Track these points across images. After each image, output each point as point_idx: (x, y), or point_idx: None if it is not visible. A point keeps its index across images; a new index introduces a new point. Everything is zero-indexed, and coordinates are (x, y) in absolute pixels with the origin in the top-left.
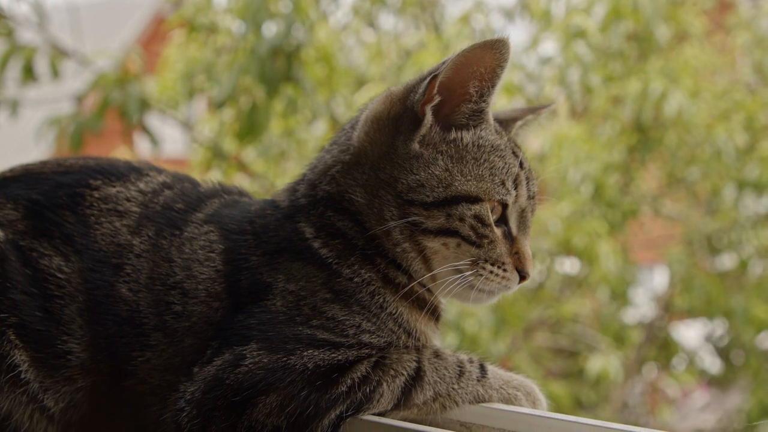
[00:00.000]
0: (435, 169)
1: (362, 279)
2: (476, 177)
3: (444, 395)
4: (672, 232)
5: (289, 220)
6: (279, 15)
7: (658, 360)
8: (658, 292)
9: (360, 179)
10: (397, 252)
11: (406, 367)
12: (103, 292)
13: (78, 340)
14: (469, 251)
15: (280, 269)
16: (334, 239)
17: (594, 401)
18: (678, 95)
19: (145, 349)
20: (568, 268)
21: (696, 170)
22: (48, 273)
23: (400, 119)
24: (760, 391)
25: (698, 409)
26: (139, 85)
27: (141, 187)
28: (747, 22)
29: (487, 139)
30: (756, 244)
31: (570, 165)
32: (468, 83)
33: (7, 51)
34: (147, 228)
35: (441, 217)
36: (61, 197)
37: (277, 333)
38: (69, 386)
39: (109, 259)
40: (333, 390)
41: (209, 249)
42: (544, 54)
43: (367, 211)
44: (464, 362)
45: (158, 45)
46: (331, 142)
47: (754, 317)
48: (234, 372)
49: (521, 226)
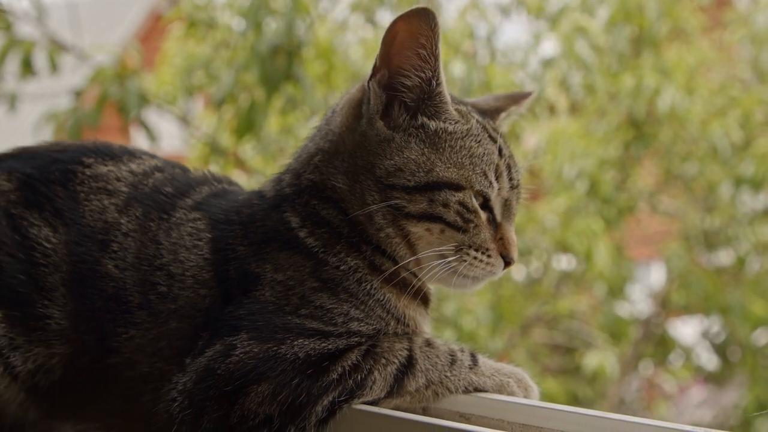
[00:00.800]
0: (410, 153)
1: (349, 267)
2: (456, 164)
3: (436, 383)
4: (668, 228)
5: (275, 210)
6: (279, 12)
7: (654, 356)
8: (655, 289)
9: (341, 167)
10: (381, 237)
11: (397, 355)
12: (89, 266)
13: (60, 308)
14: (454, 237)
15: (267, 259)
16: (319, 228)
17: (590, 397)
18: (671, 91)
19: (130, 327)
20: (565, 264)
21: (692, 166)
22: (36, 242)
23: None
24: (757, 388)
25: (695, 405)
26: (138, 81)
27: (132, 168)
28: (744, 18)
29: (454, 127)
30: (753, 240)
31: (566, 161)
32: (407, 58)
33: (5, 45)
34: (135, 208)
35: (423, 201)
36: (53, 172)
37: (267, 323)
38: (44, 349)
39: (96, 234)
40: (324, 377)
41: (196, 237)
42: (546, 54)
43: (349, 197)
44: (455, 351)
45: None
46: (314, 130)
47: (750, 313)
48: (225, 362)
49: (505, 213)
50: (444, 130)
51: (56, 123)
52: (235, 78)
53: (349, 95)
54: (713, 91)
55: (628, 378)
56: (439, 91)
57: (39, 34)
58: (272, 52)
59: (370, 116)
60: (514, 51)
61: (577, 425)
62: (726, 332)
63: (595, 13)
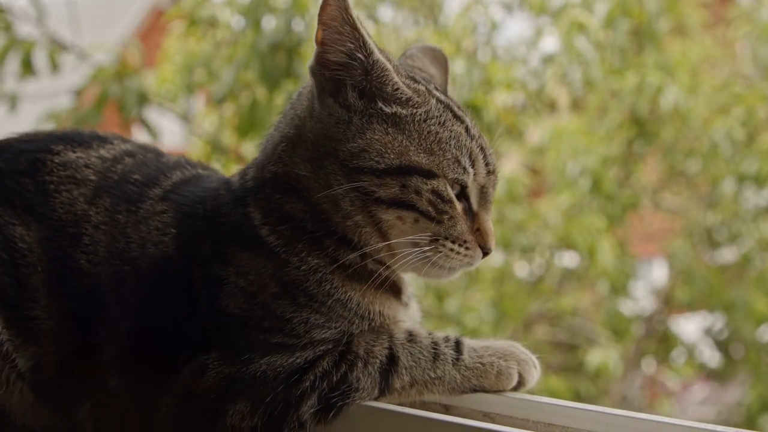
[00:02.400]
0: (372, 134)
1: (309, 267)
2: (425, 150)
3: (420, 382)
4: (672, 225)
5: (239, 204)
6: (278, 10)
7: (657, 353)
8: (658, 285)
9: (305, 155)
10: (348, 226)
11: (377, 354)
12: (63, 263)
13: (44, 309)
14: (429, 227)
15: (230, 260)
16: (282, 224)
17: (593, 394)
18: (674, 89)
19: (107, 323)
20: (568, 261)
21: (695, 163)
22: (12, 241)
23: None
24: (760, 385)
25: (698, 403)
26: (138, 79)
27: (101, 154)
28: (747, 14)
29: (411, 107)
30: (757, 237)
31: (568, 158)
32: (325, 33)
33: (5, 44)
34: (103, 199)
35: (395, 186)
36: (21, 163)
37: (234, 339)
38: (37, 348)
39: (66, 228)
40: (297, 387)
41: (162, 232)
42: (546, 50)
43: (314, 185)
44: (439, 343)
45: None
46: (281, 116)
47: (754, 310)
48: (200, 383)
49: (482, 201)
50: (399, 112)
51: (57, 122)
52: (236, 76)
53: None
54: (716, 88)
55: (630, 375)
56: (372, 62)
57: (39, 33)
58: (272, 50)
59: (321, 98)
60: (515, 47)
61: (605, 425)
62: (729, 329)
63: (593, 9)
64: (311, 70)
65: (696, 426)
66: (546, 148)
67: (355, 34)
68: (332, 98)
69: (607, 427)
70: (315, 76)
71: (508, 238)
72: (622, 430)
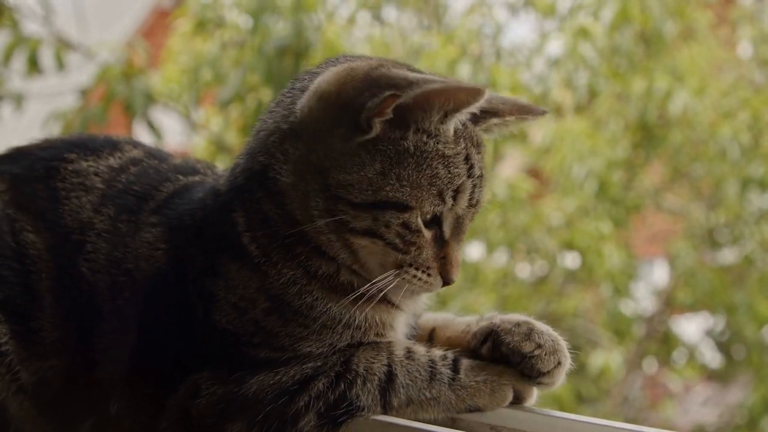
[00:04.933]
0: (369, 171)
1: (287, 279)
2: (412, 183)
3: (416, 402)
4: (673, 226)
5: (226, 210)
6: (286, 13)
7: (658, 354)
8: (659, 286)
9: (292, 155)
10: (321, 240)
11: (376, 371)
12: (67, 271)
13: (49, 319)
14: (395, 255)
15: (220, 273)
16: (260, 229)
17: (595, 395)
18: (683, 94)
19: (105, 335)
20: (571, 263)
21: (700, 167)
22: (25, 247)
23: (347, 112)
24: (762, 387)
25: (699, 404)
26: (145, 79)
27: (110, 163)
28: (750, 15)
29: (434, 146)
30: (759, 239)
31: (574, 161)
32: (429, 108)
33: (11, 42)
34: (107, 208)
35: (368, 219)
36: (38, 170)
37: (226, 358)
38: (41, 362)
39: (71, 234)
40: (290, 408)
41: (153, 246)
42: (552, 55)
43: (291, 192)
44: (436, 361)
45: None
46: (276, 102)
47: (756, 312)
48: (195, 404)
49: (455, 231)
50: (419, 149)
51: (64, 122)
52: (242, 79)
53: (324, 82)
54: (723, 92)
55: (632, 376)
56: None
57: (45, 31)
58: (279, 53)
59: (350, 135)
60: (520, 50)
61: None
62: (730, 331)
63: (599, 15)
64: (367, 116)
65: None
66: (549, 150)
67: (452, 119)
68: (352, 129)
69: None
70: (362, 118)
71: (511, 240)
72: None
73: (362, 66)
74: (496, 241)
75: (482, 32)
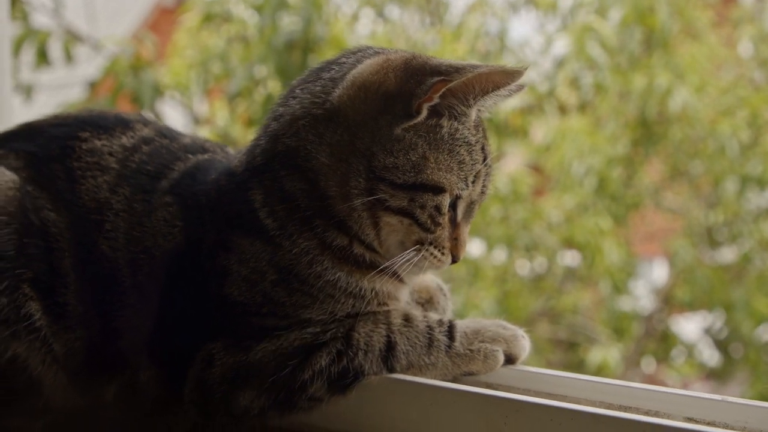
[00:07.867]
0: (413, 155)
1: (300, 249)
2: (446, 168)
3: (416, 366)
4: (672, 225)
5: (242, 189)
6: (296, 8)
7: (657, 352)
8: (658, 285)
9: (329, 138)
10: (352, 216)
11: (375, 343)
12: (87, 248)
13: (74, 294)
14: (418, 233)
15: (233, 248)
16: (280, 204)
17: None
18: (683, 91)
19: (125, 308)
20: (570, 260)
21: (699, 164)
22: (47, 226)
23: (392, 100)
24: (759, 384)
25: None
26: (153, 72)
27: (123, 142)
28: (751, 15)
29: (463, 133)
30: (757, 237)
31: (574, 158)
32: (470, 92)
33: (21, 34)
34: (123, 188)
35: (405, 199)
36: (54, 150)
37: (237, 328)
38: (69, 334)
39: (90, 214)
40: (296, 378)
41: (170, 224)
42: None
43: (327, 172)
44: (434, 327)
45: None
46: (301, 89)
47: (754, 310)
48: (210, 372)
49: (467, 214)
50: (452, 135)
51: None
52: (251, 72)
53: (362, 74)
54: (723, 90)
55: (630, 374)
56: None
57: (54, 24)
58: (288, 48)
59: (397, 121)
60: (524, 49)
61: (601, 394)
62: (728, 329)
63: (607, 14)
64: (416, 102)
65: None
66: (550, 147)
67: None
68: (399, 116)
69: (600, 395)
70: (411, 104)
71: (511, 236)
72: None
73: (399, 57)
74: (496, 237)
75: (485, 30)
